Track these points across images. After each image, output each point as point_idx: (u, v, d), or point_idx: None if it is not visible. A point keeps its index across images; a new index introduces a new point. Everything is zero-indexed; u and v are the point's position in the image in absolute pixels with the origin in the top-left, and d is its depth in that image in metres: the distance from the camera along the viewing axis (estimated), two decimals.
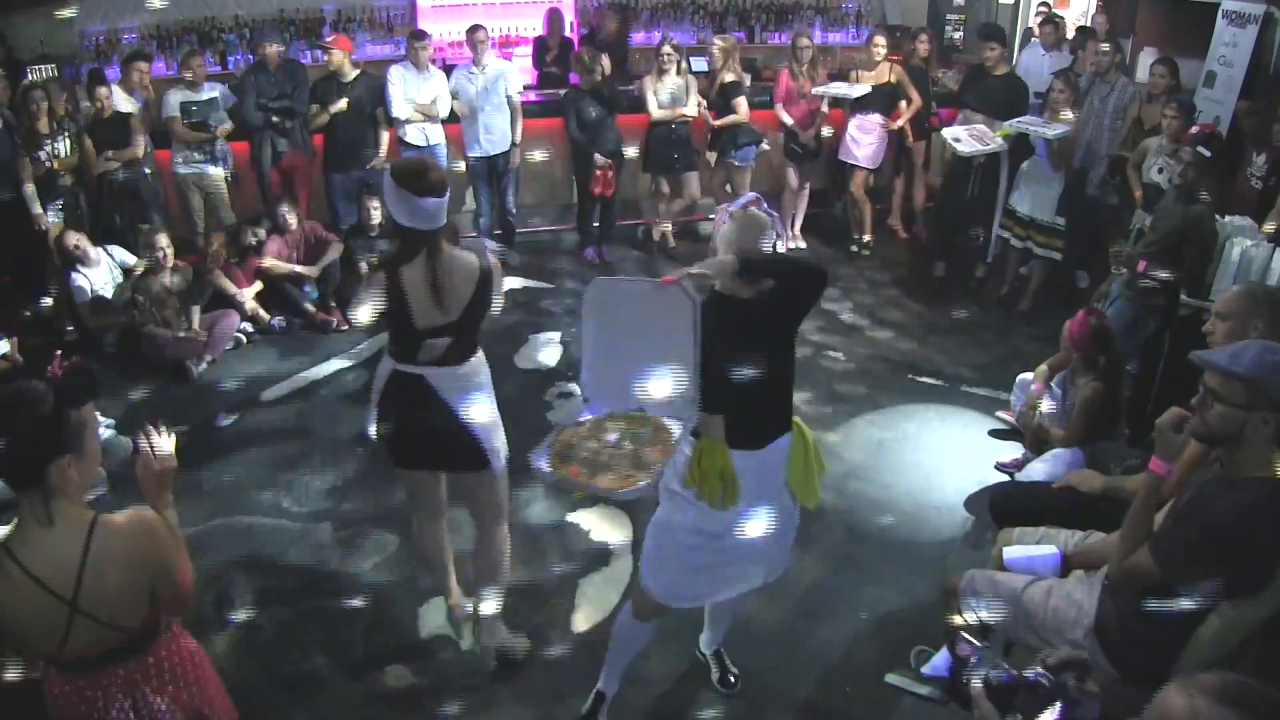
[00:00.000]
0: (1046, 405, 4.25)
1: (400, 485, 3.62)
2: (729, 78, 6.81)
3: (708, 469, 2.52)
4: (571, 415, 2.66)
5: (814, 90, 6.89)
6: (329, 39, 6.50)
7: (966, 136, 6.23)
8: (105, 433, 4.75)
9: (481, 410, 2.99)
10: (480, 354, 3.03)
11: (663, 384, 2.40)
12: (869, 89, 6.81)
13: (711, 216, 6.92)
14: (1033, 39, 7.51)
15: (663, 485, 2.72)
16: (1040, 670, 1.70)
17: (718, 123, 6.79)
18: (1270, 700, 1.36)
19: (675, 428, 2.50)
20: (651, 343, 2.39)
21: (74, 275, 5.53)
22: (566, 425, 2.58)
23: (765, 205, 2.61)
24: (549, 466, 2.47)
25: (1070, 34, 7.66)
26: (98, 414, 4.85)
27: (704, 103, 6.80)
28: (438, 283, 2.78)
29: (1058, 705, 1.65)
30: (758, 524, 2.65)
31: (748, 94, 6.90)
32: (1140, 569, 2.34)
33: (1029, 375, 4.49)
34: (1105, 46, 6.18)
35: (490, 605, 3.31)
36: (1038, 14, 7.93)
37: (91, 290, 5.56)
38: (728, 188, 7.07)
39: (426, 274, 2.79)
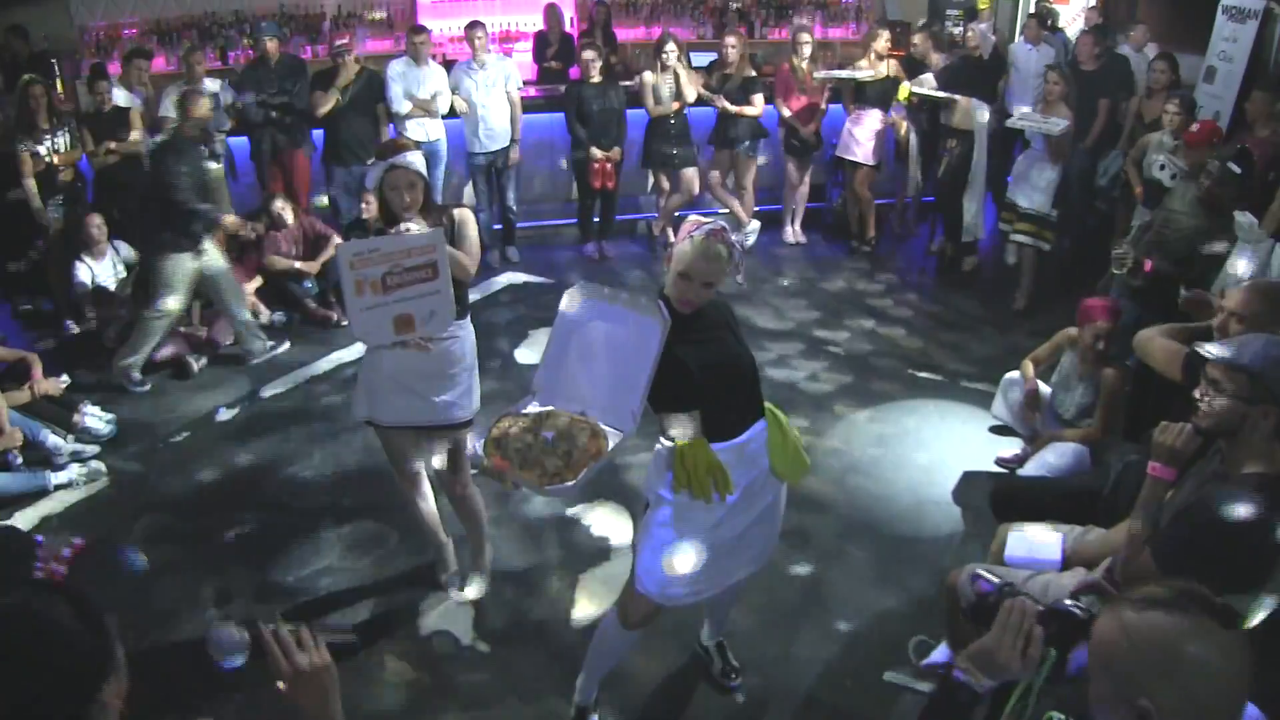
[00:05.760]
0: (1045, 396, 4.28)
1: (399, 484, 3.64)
2: (750, 73, 6.87)
3: (693, 467, 2.53)
4: (516, 403, 2.69)
5: (816, 75, 6.92)
6: (342, 42, 6.48)
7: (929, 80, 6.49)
8: (106, 428, 4.76)
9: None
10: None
11: (611, 397, 2.52)
12: (871, 73, 6.84)
13: (721, 210, 6.96)
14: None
15: (648, 488, 2.75)
16: (1072, 601, 1.64)
17: (735, 109, 6.78)
18: (1194, 593, 1.38)
19: (612, 436, 2.53)
20: (612, 355, 2.54)
21: (77, 266, 5.53)
22: (508, 413, 2.62)
23: (731, 237, 2.55)
24: (482, 451, 2.51)
25: (1069, 29, 7.66)
26: (97, 408, 4.89)
27: (719, 96, 6.79)
28: None
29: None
30: (748, 512, 2.67)
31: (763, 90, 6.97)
32: (1144, 570, 2.34)
33: (1015, 374, 4.49)
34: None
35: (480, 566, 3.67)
36: (1037, 6, 7.93)
37: (93, 281, 5.56)
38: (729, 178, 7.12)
39: None
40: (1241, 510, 2.21)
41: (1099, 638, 1.42)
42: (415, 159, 3.09)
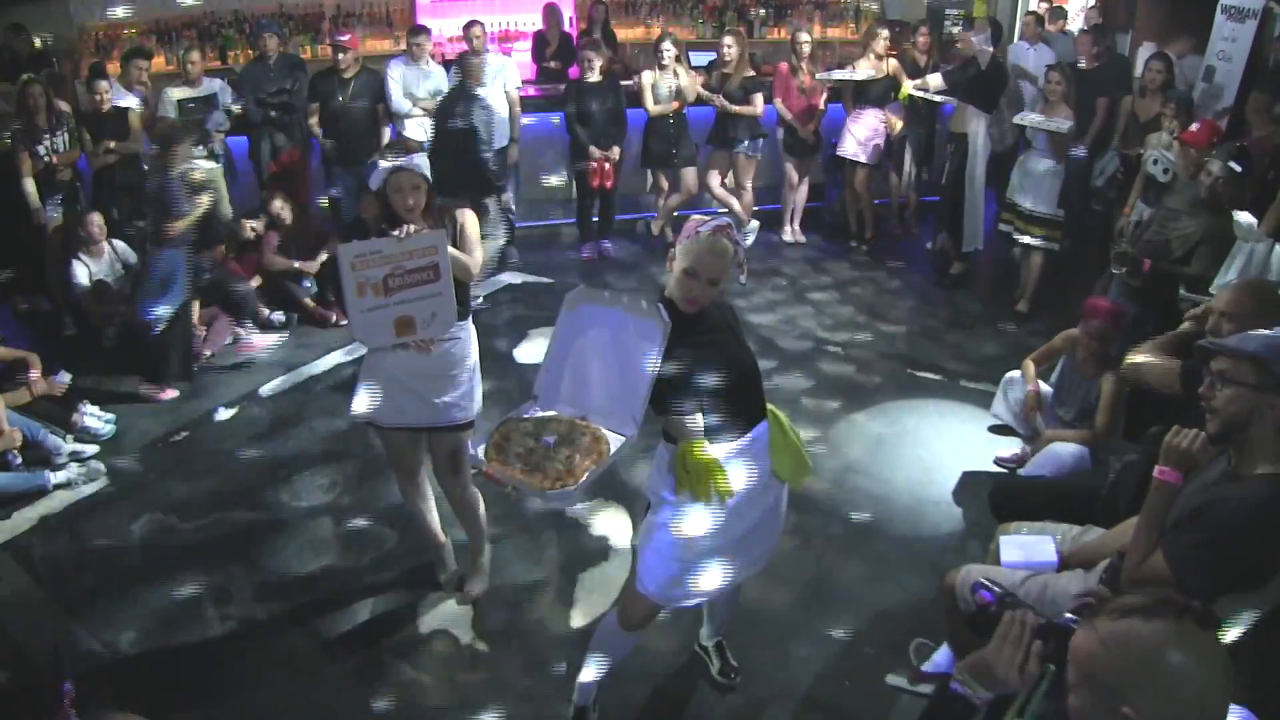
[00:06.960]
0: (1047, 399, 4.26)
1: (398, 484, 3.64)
2: (749, 73, 6.88)
3: (694, 470, 2.53)
4: (518, 408, 2.69)
5: (817, 75, 6.93)
6: (344, 38, 6.50)
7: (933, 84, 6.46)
8: (105, 428, 4.76)
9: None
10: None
11: (612, 401, 2.54)
12: (871, 73, 6.84)
13: (720, 210, 6.96)
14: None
15: (650, 489, 2.76)
16: (1072, 616, 1.63)
17: (735, 108, 6.79)
18: (1169, 599, 1.38)
19: (614, 441, 2.55)
20: (612, 359, 2.54)
21: (74, 264, 5.52)
22: (510, 418, 2.63)
23: (735, 234, 2.56)
24: (484, 456, 2.52)
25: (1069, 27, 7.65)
26: (96, 408, 4.88)
27: (719, 96, 6.80)
28: None
29: None
30: (749, 513, 2.67)
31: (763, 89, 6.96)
32: (1155, 574, 2.34)
33: (1015, 374, 4.49)
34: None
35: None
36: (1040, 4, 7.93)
37: (91, 278, 5.55)
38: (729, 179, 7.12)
39: None
40: (1258, 509, 2.21)
41: (1077, 651, 1.42)
42: (420, 162, 3.09)
